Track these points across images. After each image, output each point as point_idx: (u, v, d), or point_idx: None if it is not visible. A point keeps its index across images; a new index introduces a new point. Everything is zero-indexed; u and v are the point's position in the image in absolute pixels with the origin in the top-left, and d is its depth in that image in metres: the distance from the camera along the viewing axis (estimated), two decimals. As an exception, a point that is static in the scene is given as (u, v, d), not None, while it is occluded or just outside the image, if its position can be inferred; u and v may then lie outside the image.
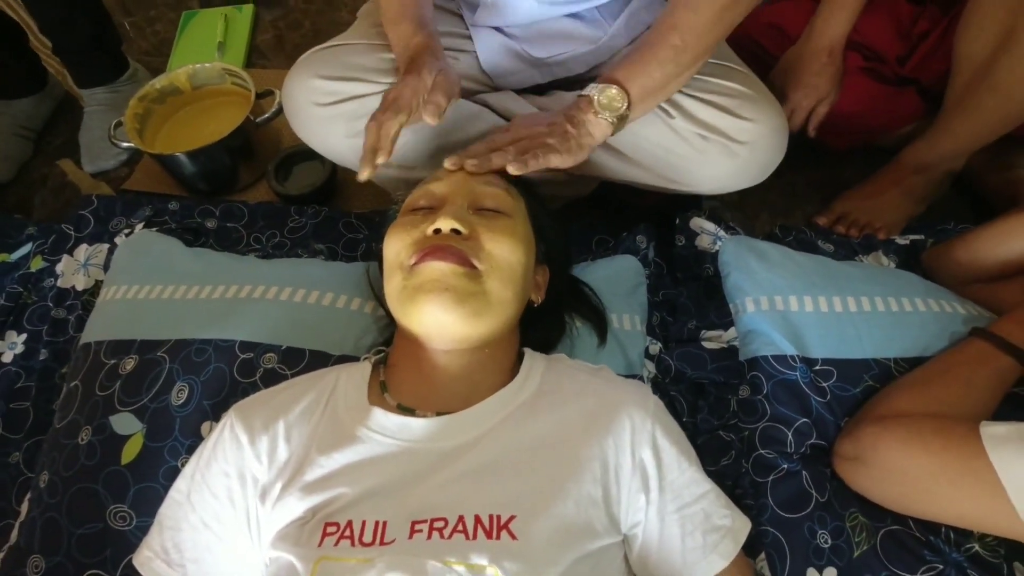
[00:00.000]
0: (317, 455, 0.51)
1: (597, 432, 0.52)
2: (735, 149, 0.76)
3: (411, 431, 0.51)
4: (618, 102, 0.66)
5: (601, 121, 0.66)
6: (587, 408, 0.54)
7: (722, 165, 0.77)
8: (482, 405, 0.52)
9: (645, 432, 0.53)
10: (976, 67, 0.78)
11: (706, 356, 0.74)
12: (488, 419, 0.52)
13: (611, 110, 0.66)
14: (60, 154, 1.15)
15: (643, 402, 0.55)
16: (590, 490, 0.49)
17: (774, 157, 0.79)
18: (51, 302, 0.85)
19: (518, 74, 0.89)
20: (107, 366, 0.68)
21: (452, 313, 0.52)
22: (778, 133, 0.78)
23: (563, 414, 0.53)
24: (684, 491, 0.52)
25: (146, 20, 1.37)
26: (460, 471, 0.49)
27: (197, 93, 1.07)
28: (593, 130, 0.66)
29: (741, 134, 0.76)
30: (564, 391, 0.55)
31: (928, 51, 0.91)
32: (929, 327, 0.69)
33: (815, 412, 0.66)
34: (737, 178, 0.80)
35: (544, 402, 0.54)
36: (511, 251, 0.55)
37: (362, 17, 0.91)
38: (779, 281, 0.73)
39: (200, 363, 0.66)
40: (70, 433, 0.66)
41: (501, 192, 0.59)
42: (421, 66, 0.65)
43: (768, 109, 0.77)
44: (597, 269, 0.78)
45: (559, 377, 0.57)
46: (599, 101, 0.66)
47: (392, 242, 0.56)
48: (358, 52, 0.76)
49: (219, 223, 0.93)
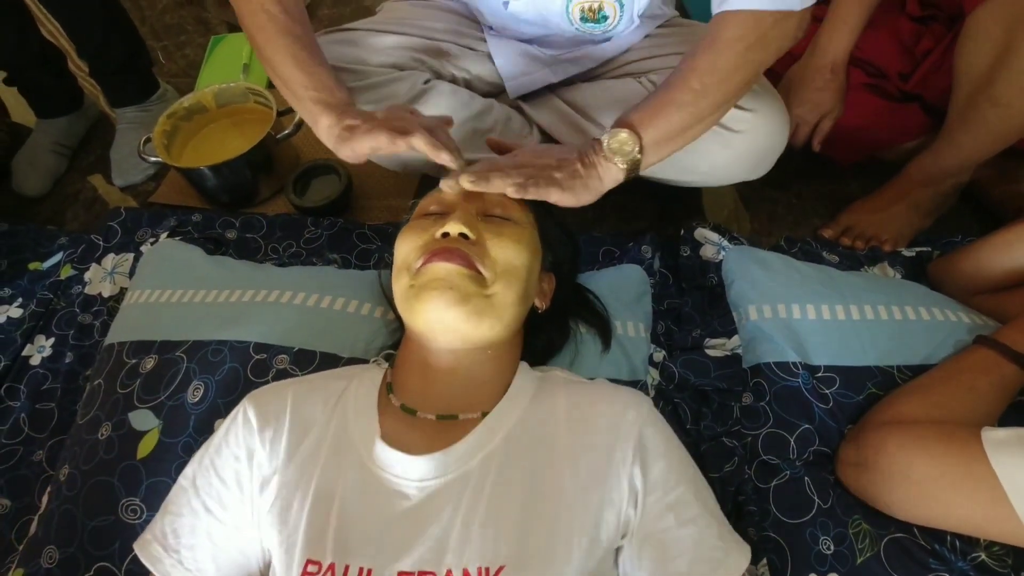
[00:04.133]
0: (317, 466, 0.51)
1: (590, 478, 0.50)
2: (730, 139, 0.76)
3: (405, 469, 0.51)
4: (629, 146, 0.63)
5: (612, 166, 0.64)
6: (578, 445, 0.52)
7: (717, 154, 0.77)
8: (469, 438, 0.52)
9: (632, 451, 0.52)
10: (976, 82, 0.80)
11: (710, 363, 0.75)
12: (479, 450, 0.51)
13: (622, 155, 0.63)
14: (92, 170, 1.22)
15: (635, 419, 0.54)
16: (580, 539, 0.48)
17: (771, 148, 0.79)
18: (78, 308, 0.89)
19: (532, 74, 0.91)
20: (128, 365, 0.71)
21: (454, 310, 0.53)
22: (776, 125, 0.77)
23: (553, 450, 0.52)
24: (670, 513, 0.50)
25: (176, 45, 1.45)
26: (448, 518, 0.48)
27: (222, 111, 1.12)
28: (603, 174, 0.64)
29: (737, 123, 0.75)
30: (555, 417, 0.54)
31: (931, 68, 0.92)
32: (933, 335, 0.69)
33: (818, 419, 0.66)
34: (732, 169, 0.80)
35: (533, 429, 0.53)
36: (516, 256, 0.56)
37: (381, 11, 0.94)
38: (782, 290, 0.74)
39: (216, 363, 0.69)
40: (91, 428, 0.68)
41: (509, 200, 0.61)
42: None
43: (768, 101, 0.77)
44: (603, 277, 0.80)
45: (550, 400, 0.56)
46: (609, 146, 0.63)
47: (402, 244, 0.58)
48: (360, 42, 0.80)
49: (239, 233, 0.97)
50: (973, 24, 0.79)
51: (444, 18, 0.93)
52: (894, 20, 0.95)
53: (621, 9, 0.80)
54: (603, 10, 0.80)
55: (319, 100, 0.69)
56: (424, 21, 0.91)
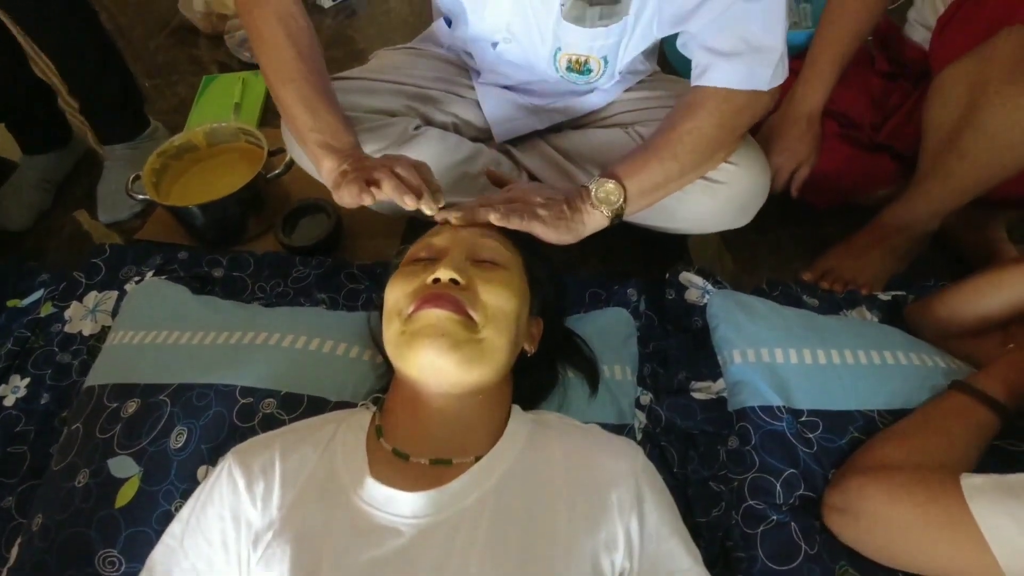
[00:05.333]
0: (307, 510, 0.51)
1: (586, 522, 0.51)
2: (715, 190, 0.80)
3: (397, 505, 0.51)
4: (615, 196, 0.68)
5: (596, 213, 0.68)
6: (575, 488, 0.52)
7: (702, 204, 0.81)
8: (464, 477, 0.52)
9: (630, 500, 0.52)
10: (944, 136, 0.84)
11: (696, 407, 0.76)
12: (474, 490, 0.51)
13: (607, 204, 0.68)
14: (77, 205, 1.21)
15: (631, 469, 0.55)
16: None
17: (754, 198, 0.83)
18: (57, 347, 0.88)
19: (518, 121, 0.95)
20: (109, 409, 0.70)
21: (447, 357, 0.53)
22: (758, 176, 0.82)
23: (549, 493, 0.52)
24: (664, 564, 0.51)
25: (168, 83, 1.46)
26: (442, 558, 0.48)
27: (212, 150, 1.13)
28: (587, 219, 0.69)
29: (721, 175, 0.79)
30: (551, 460, 0.54)
31: (901, 120, 0.98)
32: (911, 380, 0.71)
33: (803, 463, 0.67)
34: (716, 218, 0.84)
35: (529, 472, 0.53)
36: (506, 302, 0.57)
37: (374, 59, 0.98)
38: (765, 333, 0.76)
39: (200, 407, 0.68)
40: (68, 476, 0.66)
41: (498, 245, 0.62)
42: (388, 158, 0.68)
43: (750, 153, 0.81)
44: (590, 321, 0.81)
45: (545, 443, 0.56)
46: (596, 194, 0.68)
47: (392, 291, 0.59)
48: (355, 89, 0.82)
49: (226, 272, 0.97)
50: (940, 83, 0.84)
51: (434, 66, 0.96)
52: (864, 75, 1.00)
53: (605, 65, 0.84)
54: (588, 64, 0.84)
55: (323, 143, 0.70)
56: (415, 69, 0.94)
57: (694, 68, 0.74)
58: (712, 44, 0.70)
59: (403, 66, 0.94)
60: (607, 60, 0.83)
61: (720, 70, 0.71)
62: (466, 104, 0.96)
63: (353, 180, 0.65)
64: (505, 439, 0.56)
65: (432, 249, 0.62)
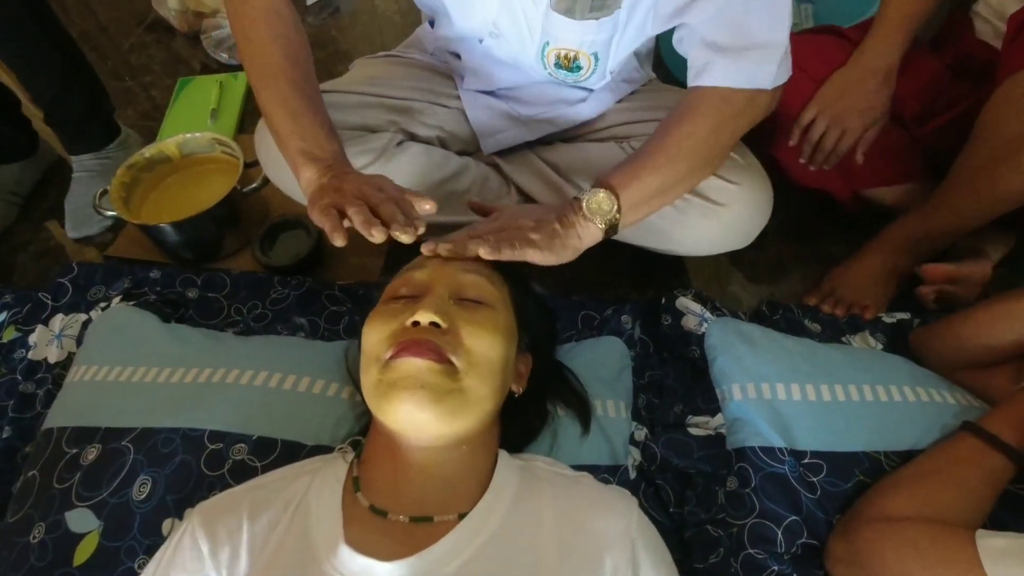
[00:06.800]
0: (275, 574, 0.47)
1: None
2: (716, 212, 0.77)
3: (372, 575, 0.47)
4: (607, 206, 0.65)
5: (590, 225, 0.65)
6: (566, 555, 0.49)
7: (702, 227, 0.78)
8: (446, 541, 0.49)
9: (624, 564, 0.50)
10: (1001, 147, 0.77)
11: (692, 444, 0.72)
12: (455, 557, 0.48)
13: (601, 215, 0.64)
14: (46, 218, 1.15)
15: (626, 529, 0.51)
16: None
17: (756, 221, 0.80)
18: (20, 375, 0.83)
19: (506, 132, 0.90)
20: (68, 455, 0.65)
21: (427, 412, 0.50)
22: (760, 197, 0.78)
23: (537, 561, 0.49)
24: None
25: (141, 85, 1.40)
26: None
27: (186, 161, 1.08)
28: (582, 233, 0.65)
29: (721, 195, 0.76)
30: (539, 522, 0.51)
31: (952, 120, 0.90)
32: (918, 419, 0.67)
33: (805, 509, 0.64)
34: (716, 242, 0.80)
35: (516, 534, 0.50)
36: (490, 346, 0.54)
37: (354, 69, 0.93)
38: (766, 368, 0.72)
39: (166, 454, 0.64)
40: (23, 529, 0.62)
41: (483, 281, 0.58)
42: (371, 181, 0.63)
43: (752, 175, 0.78)
44: (581, 352, 0.77)
45: (534, 500, 0.53)
46: (588, 206, 0.64)
47: (370, 333, 0.55)
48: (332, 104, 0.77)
49: (200, 293, 0.92)
50: (1009, 90, 0.76)
51: (417, 76, 0.91)
52: (924, 61, 0.94)
53: (596, 62, 0.80)
54: (578, 60, 0.80)
55: (304, 151, 0.66)
56: (396, 80, 0.89)
57: (691, 68, 0.69)
58: (712, 38, 0.66)
59: (384, 77, 0.89)
60: (598, 57, 0.78)
61: (719, 68, 0.66)
62: (451, 114, 0.91)
63: (326, 211, 0.60)
64: (490, 494, 0.52)
65: (413, 285, 0.58)
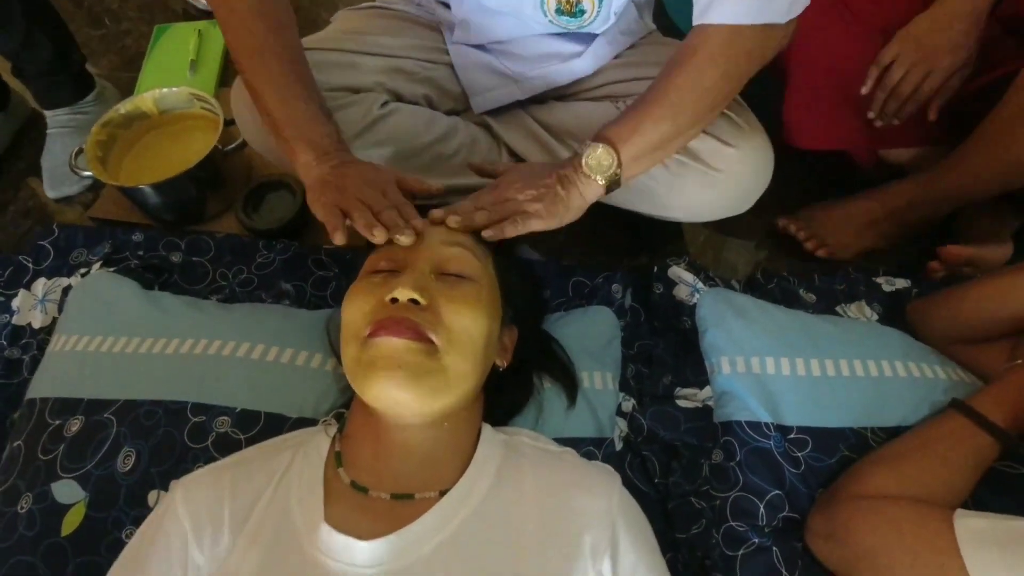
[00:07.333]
0: (257, 557, 0.48)
1: (556, 568, 0.48)
2: (713, 178, 0.74)
3: (353, 555, 0.47)
4: (607, 161, 0.63)
5: (591, 182, 0.63)
6: (546, 533, 0.49)
7: (698, 194, 0.75)
8: (425, 520, 0.49)
9: (604, 542, 0.50)
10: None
11: (680, 416, 0.72)
12: (434, 535, 0.48)
13: (601, 171, 0.63)
14: (22, 177, 1.11)
15: (607, 508, 0.51)
16: None
17: (755, 187, 0.77)
18: (5, 340, 0.82)
19: (497, 90, 0.86)
20: (51, 427, 0.65)
21: (407, 391, 0.49)
22: (760, 162, 0.76)
23: (517, 538, 0.49)
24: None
25: (116, 33, 1.32)
26: None
27: (164, 117, 1.03)
28: (584, 191, 0.64)
29: (720, 161, 0.73)
30: (521, 500, 0.51)
31: (994, 81, 0.83)
32: (907, 395, 0.67)
33: (788, 483, 0.64)
34: (713, 207, 0.78)
35: (497, 512, 0.50)
36: (472, 323, 0.52)
37: (336, 21, 0.88)
38: (757, 340, 0.71)
39: (149, 427, 0.63)
40: (10, 499, 0.63)
41: (467, 254, 0.56)
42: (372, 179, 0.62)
43: (752, 137, 0.75)
44: (570, 323, 0.76)
45: (516, 477, 0.53)
46: (587, 163, 0.63)
47: (349, 308, 0.53)
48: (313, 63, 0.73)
49: (184, 257, 0.90)
50: None
51: (404, 30, 0.86)
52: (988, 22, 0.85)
53: (599, 4, 0.75)
54: (581, 3, 0.75)
55: (298, 136, 0.64)
56: (381, 37, 0.83)
57: (696, 3, 0.64)
58: None
59: (368, 32, 0.83)
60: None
61: (728, 1, 0.61)
62: (440, 70, 0.87)
63: (330, 210, 0.59)
64: (472, 470, 0.52)
65: (393, 259, 0.56)
